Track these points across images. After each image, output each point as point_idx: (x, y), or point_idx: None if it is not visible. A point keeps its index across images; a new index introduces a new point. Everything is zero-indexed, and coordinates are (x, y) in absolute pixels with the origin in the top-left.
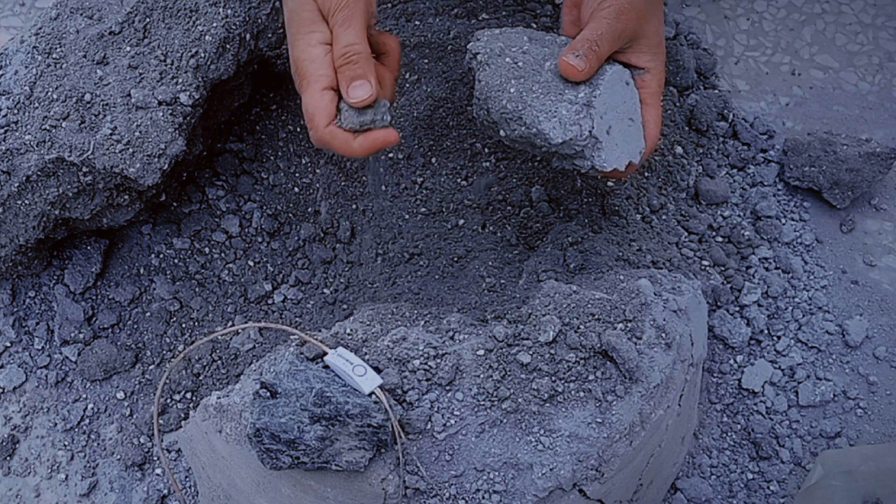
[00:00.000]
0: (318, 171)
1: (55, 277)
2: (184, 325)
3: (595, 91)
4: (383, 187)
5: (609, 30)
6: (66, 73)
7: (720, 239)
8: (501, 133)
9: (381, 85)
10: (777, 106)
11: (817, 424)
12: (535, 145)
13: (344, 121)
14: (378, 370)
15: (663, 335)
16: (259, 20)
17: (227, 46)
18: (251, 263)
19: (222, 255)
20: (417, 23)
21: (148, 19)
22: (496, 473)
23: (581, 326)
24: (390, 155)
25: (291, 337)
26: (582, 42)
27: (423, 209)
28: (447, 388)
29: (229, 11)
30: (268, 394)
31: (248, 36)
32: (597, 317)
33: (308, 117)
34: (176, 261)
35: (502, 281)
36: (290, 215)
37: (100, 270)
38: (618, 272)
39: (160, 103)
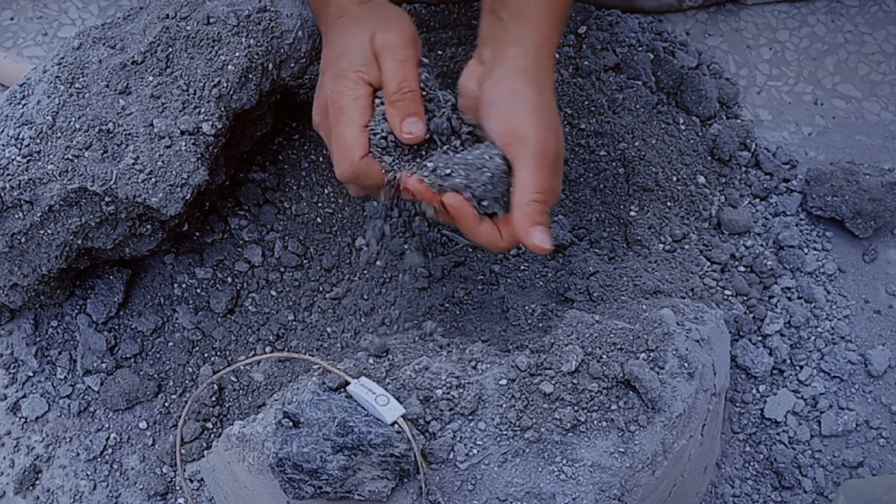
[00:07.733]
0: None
1: (77, 307)
2: (206, 355)
3: None
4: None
5: (559, 177)
6: (89, 103)
7: (742, 269)
8: None
9: None
10: (799, 136)
11: (840, 454)
12: None
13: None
14: (400, 400)
15: (686, 365)
16: (282, 50)
17: (250, 76)
18: (273, 293)
19: (245, 284)
20: (440, 52)
21: (170, 49)
22: (519, 503)
23: (603, 356)
24: None
25: (314, 367)
26: (543, 209)
27: (445, 241)
28: (470, 417)
29: (252, 41)
30: (290, 423)
31: (270, 66)
32: (619, 346)
33: (342, 149)
34: (198, 290)
35: (525, 310)
36: (313, 245)
37: (122, 300)
38: (640, 302)
39: (183, 133)
